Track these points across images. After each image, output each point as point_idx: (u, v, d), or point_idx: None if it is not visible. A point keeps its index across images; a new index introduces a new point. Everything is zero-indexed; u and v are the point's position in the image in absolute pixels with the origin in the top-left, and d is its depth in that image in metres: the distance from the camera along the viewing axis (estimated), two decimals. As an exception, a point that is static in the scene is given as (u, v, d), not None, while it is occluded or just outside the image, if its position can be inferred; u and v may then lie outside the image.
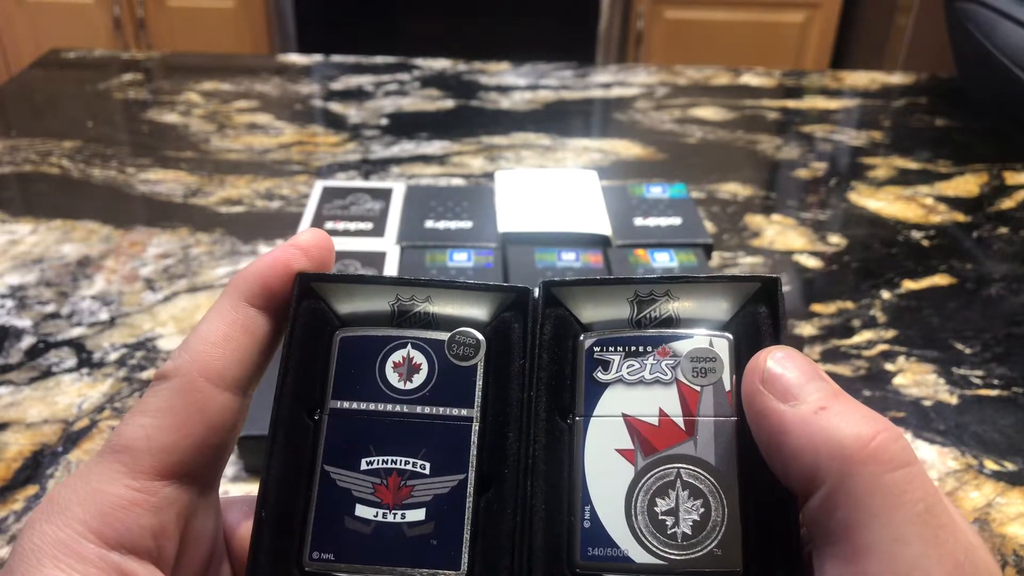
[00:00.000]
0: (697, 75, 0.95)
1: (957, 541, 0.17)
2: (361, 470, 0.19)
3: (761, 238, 0.61)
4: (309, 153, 0.74)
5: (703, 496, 0.19)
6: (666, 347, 0.20)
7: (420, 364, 0.19)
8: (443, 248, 0.53)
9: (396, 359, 0.19)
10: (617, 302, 0.20)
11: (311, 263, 0.21)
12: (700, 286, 0.20)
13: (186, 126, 0.78)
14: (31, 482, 0.39)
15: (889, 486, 0.17)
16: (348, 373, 0.19)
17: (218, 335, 0.20)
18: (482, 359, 0.19)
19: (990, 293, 0.56)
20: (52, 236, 0.59)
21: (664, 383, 0.19)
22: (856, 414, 0.18)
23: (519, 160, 0.73)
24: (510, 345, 0.20)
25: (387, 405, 0.19)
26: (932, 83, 0.95)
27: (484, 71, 0.94)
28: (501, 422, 0.19)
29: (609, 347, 0.20)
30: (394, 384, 0.19)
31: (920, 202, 0.68)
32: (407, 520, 0.18)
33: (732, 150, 0.77)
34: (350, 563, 0.18)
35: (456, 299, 0.20)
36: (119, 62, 0.95)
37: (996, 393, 0.46)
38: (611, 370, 0.20)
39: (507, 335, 0.20)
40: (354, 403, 0.19)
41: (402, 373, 0.19)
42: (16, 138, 0.75)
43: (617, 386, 0.19)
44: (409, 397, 0.19)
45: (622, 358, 0.20)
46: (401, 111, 0.83)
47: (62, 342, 0.48)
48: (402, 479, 0.19)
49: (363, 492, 0.19)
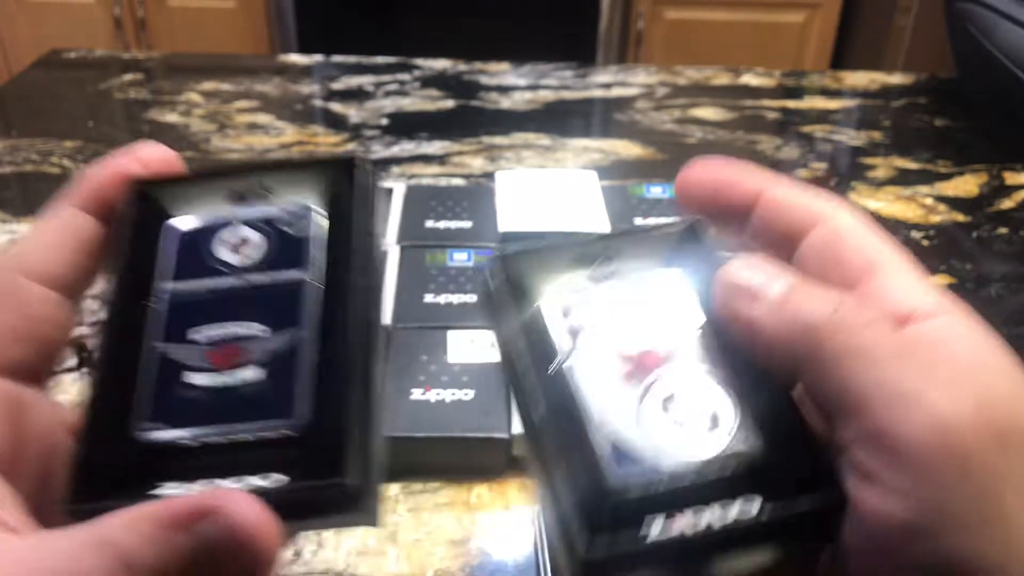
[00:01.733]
0: (697, 75, 0.95)
1: (965, 371, 0.17)
2: (190, 339, 0.19)
3: (761, 238, 0.61)
4: (310, 153, 0.74)
5: (706, 398, 0.19)
6: (627, 288, 0.21)
7: (249, 239, 0.19)
8: (443, 248, 0.53)
9: (226, 236, 0.19)
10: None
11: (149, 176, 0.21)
12: (639, 236, 0.22)
13: (187, 126, 0.78)
14: (31, 482, 0.39)
15: (860, 345, 0.18)
16: (179, 258, 0.19)
17: (43, 237, 0.20)
18: (315, 225, 0.19)
19: (990, 293, 0.56)
20: (52, 236, 0.60)
21: (633, 321, 0.20)
22: (816, 292, 0.19)
23: (519, 160, 0.74)
24: (341, 214, 0.20)
25: (218, 280, 0.19)
26: (932, 83, 0.95)
27: (484, 71, 0.94)
28: (336, 280, 0.19)
29: (579, 291, 0.21)
30: (226, 260, 0.19)
31: (920, 202, 0.68)
32: (241, 380, 0.18)
33: (732, 150, 0.77)
34: (180, 427, 0.18)
35: (288, 179, 0.20)
36: (120, 62, 0.95)
37: (996, 393, 0.46)
38: (583, 316, 0.20)
39: (338, 204, 0.20)
40: (184, 283, 0.19)
41: (233, 248, 0.19)
42: (17, 138, 0.75)
43: (591, 332, 0.20)
44: (240, 270, 0.19)
45: (592, 304, 0.21)
46: (401, 111, 0.83)
47: (62, 342, 0.48)
48: (236, 343, 0.18)
49: (194, 360, 0.18)
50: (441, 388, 0.41)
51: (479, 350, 0.43)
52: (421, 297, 0.48)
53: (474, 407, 0.40)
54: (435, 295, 0.48)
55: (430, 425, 0.39)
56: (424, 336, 0.44)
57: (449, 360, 0.43)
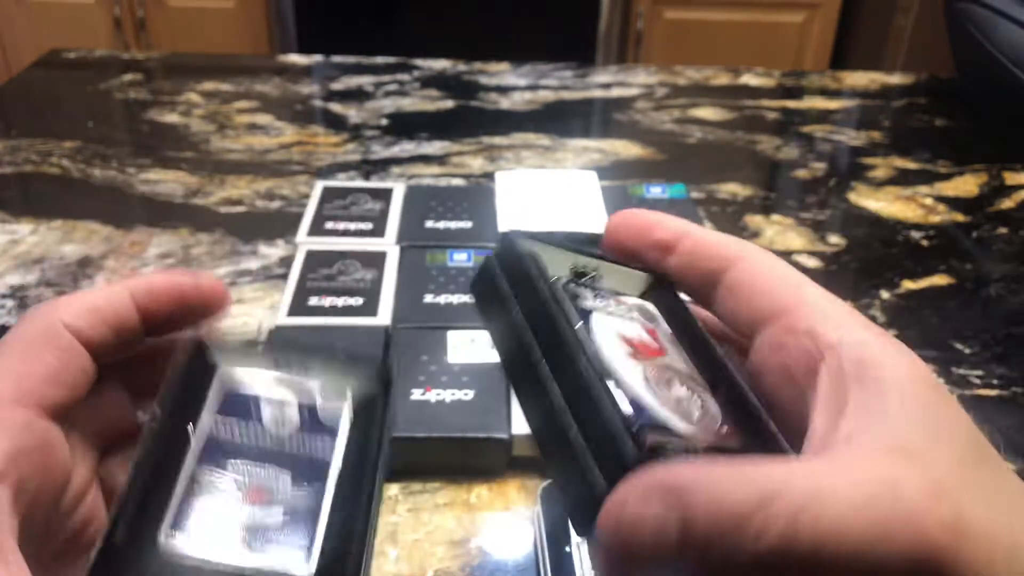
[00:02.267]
0: (697, 75, 0.95)
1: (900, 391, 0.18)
2: (227, 469, 0.21)
3: (761, 238, 0.61)
4: (309, 153, 0.74)
5: (696, 391, 0.21)
6: (619, 298, 0.23)
7: (288, 404, 0.22)
8: (443, 248, 0.53)
9: (267, 397, 0.22)
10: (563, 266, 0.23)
11: (204, 308, 0.24)
12: (619, 268, 0.24)
13: (186, 126, 0.79)
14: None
15: (770, 270, 0.21)
16: (225, 406, 0.22)
17: (88, 299, 0.22)
18: (347, 418, 0.23)
19: (989, 293, 0.56)
20: (53, 236, 0.60)
21: (630, 319, 0.22)
22: (713, 236, 0.22)
23: (519, 160, 0.74)
24: (372, 409, 0.23)
25: (258, 432, 0.22)
26: (931, 83, 0.95)
27: (484, 71, 0.94)
28: (356, 467, 0.22)
29: (580, 287, 0.22)
30: (267, 418, 0.22)
31: (919, 202, 0.68)
32: (264, 517, 0.20)
33: (732, 150, 0.78)
34: (202, 545, 0.20)
35: (327, 370, 0.23)
36: (119, 62, 0.95)
37: (995, 393, 0.46)
38: (588, 301, 0.22)
39: (370, 403, 0.23)
40: (227, 424, 0.22)
41: (274, 410, 0.22)
42: (16, 138, 0.75)
43: (599, 313, 0.22)
44: (277, 430, 0.22)
45: (593, 297, 0.22)
46: (401, 111, 0.83)
47: (62, 342, 0.48)
48: (266, 485, 0.21)
49: (227, 488, 0.21)
50: (441, 388, 0.41)
51: (479, 350, 0.43)
52: (421, 297, 0.48)
53: (474, 407, 0.40)
54: (435, 295, 0.48)
55: (430, 425, 0.39)
56: (424, 336, 0.45)
57: (449, 360, 0.43)
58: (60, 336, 0.21)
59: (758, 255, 0.22)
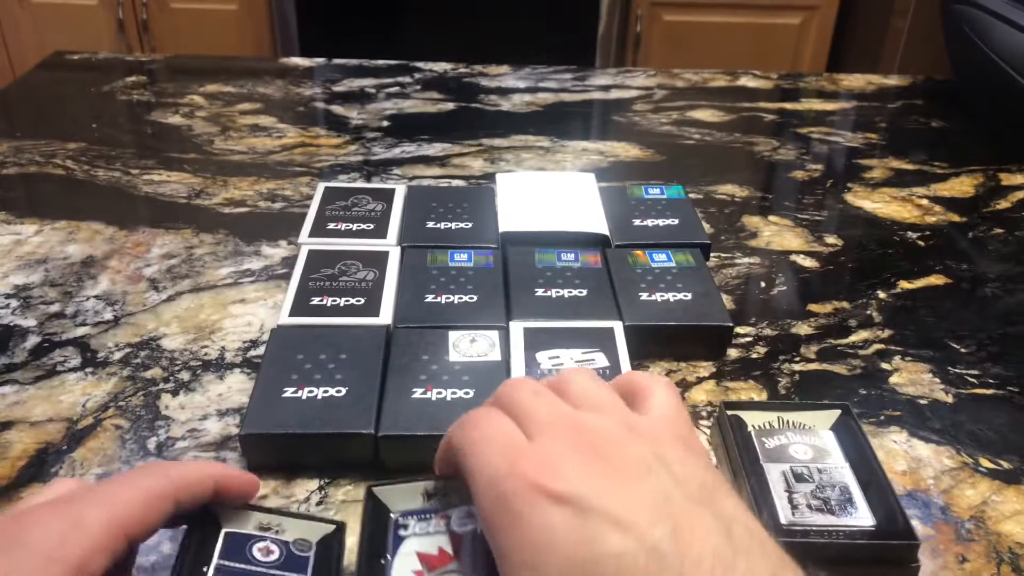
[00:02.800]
0: (695, 78, 0.95)
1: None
2: None
3: (758, 238, 0.62)
4: (311, 155, 0.75)
5: None
6: (444, 513, 0.31)
7: (275, 550, 0.31)
8: (444, 248, 0.54)
9: (259, 546, 0.31)
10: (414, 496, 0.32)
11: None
12: None
13: (190, 128, 0.79)
14: (35, 480, 0.39)
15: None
16: (227, 548, 0.31)
17: (132, 491, 0.28)
18: (312, 552, 0.32)
19: (985, 293, 0.57)
20: (56, 237, 0.60)
21: (441, 532, 0.31)
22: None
23: (519, 162, 0.74)
24: (329, 550, 0.32)
25: (252, 567, 0.31)
26: (928, 85, 0.96)
27: (484, 74, 0.95)
28: None
29: (409, 517, 0.32)
30: (258, 558, 0.31)
31: (916, 203, 0.69)
32: None
33: (729, 152, 0.78)
34: None
35: (297, 523, 0.33)
36: (123, 64, 0.96)
37: (991, 392, 0.47)
38: (409, 529, 0.31)
39: (328, 546, 0.33)
40: (230, 562, 0.30)
41: (263, 552, 0.31)
42: (21, 139, 0.76)
43: (411, 538, 0.31)
44: (265, 564, 0.31)
45: (415, 522, 0.31)
46: (402, 113, 0.84)
47: (66, 341, 0.49)
48: None
49: None
50: (442, 387, 0.41)
51: (480, 349, 0.44)
52: (422, 297, 0.49)
53: (475, 406, 0.40)
54: (436, 295, 0.49)
55: (431, 424, 0.39)
56: (425, 336, 0.45)
57: (450, 359, 0.43)
58: (115, 542, 0.26)
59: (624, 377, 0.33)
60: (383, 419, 0.39)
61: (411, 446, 0.39)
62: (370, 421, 0.39)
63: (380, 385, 0.41)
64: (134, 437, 0.42)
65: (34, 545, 0.25)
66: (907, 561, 0.33)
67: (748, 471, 0.36)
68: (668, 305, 0.48)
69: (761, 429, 0.39)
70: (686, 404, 0.45)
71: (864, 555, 0.33)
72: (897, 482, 0.40)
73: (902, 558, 0.33)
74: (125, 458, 0.41)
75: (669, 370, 0.48)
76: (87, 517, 0.26)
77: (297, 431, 0.39)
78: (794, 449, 0.37)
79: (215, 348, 0.49)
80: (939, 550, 0.37)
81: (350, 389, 0.41)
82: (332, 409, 0.40)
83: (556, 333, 0.45)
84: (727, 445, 0.38)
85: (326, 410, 0.40)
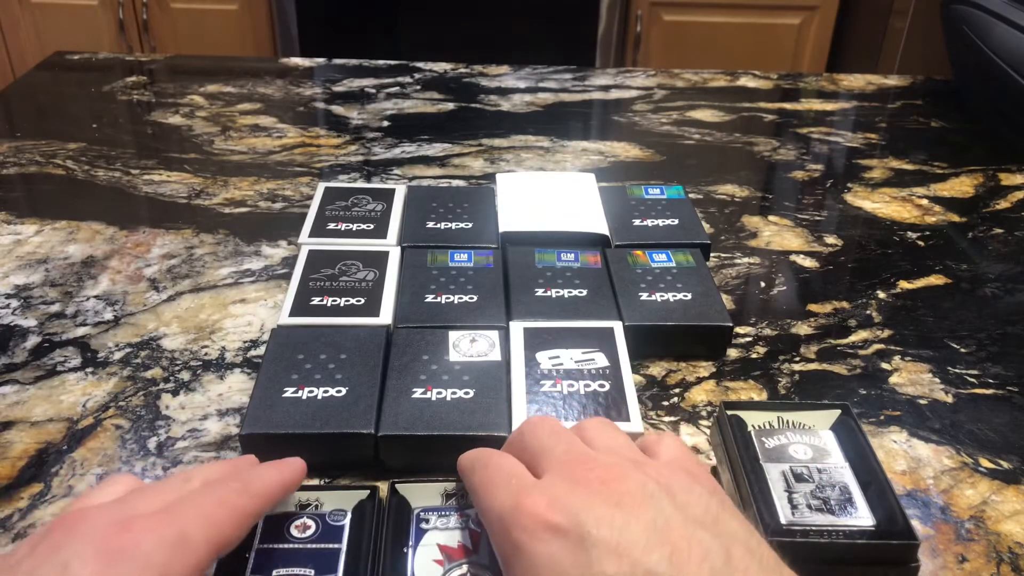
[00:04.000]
0: (695, 78, 0.95)
1: None
2: (273, 572, 0.32)
3: (758, 238, 0.62)
4: (312, 155, 0.75)
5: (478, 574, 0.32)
6: (463, 512, 0.34)
7: (311, 525, 0.34)
8: (444, 248, 0.54)
9: (296, 523, 0.34)
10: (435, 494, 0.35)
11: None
12: None
13: (190, 128, 0.79)
14: (36, 480, 0.39)
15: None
16: (267, 532, 0.33)
17: (217, 508, 0.30)
18: (347, 519, 0.34)
19: (985, 293, 0.57)
20: (57, 237, 0.60)
21: (461, 528, 0.34)
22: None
23: (519, 162, 0.74)
24: (363, 515, 0.34)
25: (288, 544, 0.33)
26: (928, 85, 0.96)
27: (484, 74, 0.95)
28: (358, 554, 0.33)
29: (430, 512, 0.35)
30: (295, 535, 0.33)
31: (915, 203, 0.69)
32: None
33: (729, 152, 0.78)
34: None
35: (332, 495, 0.35)
36: (123, 64, 0.96)
37: (991, 392, 0.47)
38: (431, 523, 0.34)
39: (362, 510, 0.35)
40: (269, 543, 0.33)
41: (300, 528, 0.33)
42: (21, 139, 0.76)
43: (433, 531, 0.33)
44: (301, 539, 0.33)
45: (436, 517, 0.34)
46: (402, 113, 0.84)
47: (67, 341, 0.49)
48: None
49: None
50: (442, 387, 0.41)
51: (480, 349, 0.44)
52: (422, 297, 0.49)
53: (475, 406, 0.40)
54: (436, 295, 0.49)
55: (431, 424, 0.39)
56: (425, 335, 0.45)
57: (450, 359, 0.43)
58: (211, 560, 0.28)
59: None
60: (383, 419, 0.39)
61: (411, 446, 0.39)
62: (370, 421, 0.39)
63: (380, 385, 0.41)
64: (134, 437, 0.42)
65: (148, 556, 0.26)
66: (907, 561, 0.33)
67: (748, 471, 0.36)
68: (668, 305, 0.49)
69: (761, 429, 0.39)
70: (686, 404, 0.45)
71: (864, 555, 0.33)
72: (897, 482, 0.40)
73: (902, 558, 0.33)
74: (125, 458, 0.41)
75: (669, 370, 0.48)
76: (192, 535, 0.27)
77: (297, 431, 0.39)
78: (794, 449, 0.38)
79: (215, 348, 0.49)
80: (939, 550, 0.37)
81: (350, 389, 0.41)
82: (332, 409, 0.40)
83: (556, 333, 0.45)
84: (727, 445, 0.38)
85: (326, 410, 0.40)
